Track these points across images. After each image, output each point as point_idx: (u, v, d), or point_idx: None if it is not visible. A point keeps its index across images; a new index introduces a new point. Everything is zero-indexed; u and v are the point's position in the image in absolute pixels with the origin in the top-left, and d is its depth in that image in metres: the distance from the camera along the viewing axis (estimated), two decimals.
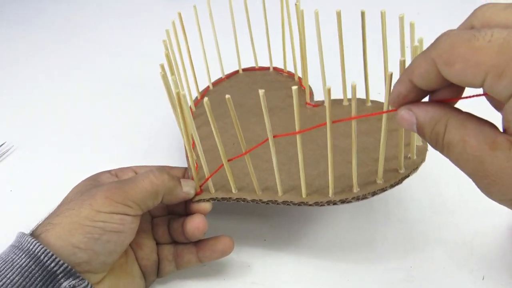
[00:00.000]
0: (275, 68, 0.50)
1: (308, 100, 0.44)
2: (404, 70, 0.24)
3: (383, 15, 0.34)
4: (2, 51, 0.61)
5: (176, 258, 0.36)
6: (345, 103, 0.42)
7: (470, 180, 0.47)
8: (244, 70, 0.51)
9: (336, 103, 0.42)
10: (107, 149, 0.50)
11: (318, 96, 0.44)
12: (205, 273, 0.37)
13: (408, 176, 0.34)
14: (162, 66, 0.34)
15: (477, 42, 0.19)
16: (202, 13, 0.44)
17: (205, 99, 0.30)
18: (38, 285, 0.27)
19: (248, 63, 0.50)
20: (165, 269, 0.36)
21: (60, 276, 0.28)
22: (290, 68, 0.48)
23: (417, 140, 0.35)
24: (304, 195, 0.34)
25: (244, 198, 0.35)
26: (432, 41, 0.23)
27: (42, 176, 0.47)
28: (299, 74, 0.47)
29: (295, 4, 0.40)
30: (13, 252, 0.28)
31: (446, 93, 0.24)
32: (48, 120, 0.55)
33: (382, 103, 0.38)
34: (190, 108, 0.46)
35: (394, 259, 0.37)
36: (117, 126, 0.53)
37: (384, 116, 0.30)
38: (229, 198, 0.35)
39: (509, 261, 0.36)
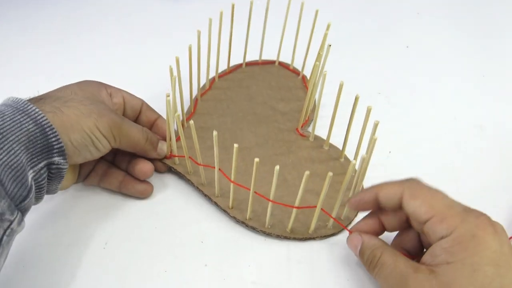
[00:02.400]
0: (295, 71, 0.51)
1: (299, 127, 0.45)
2: (374, 185, 0.32)
3: (340, 86, 0.38)
4: (2, 51, 0.61)
5: (103, 175, 0.40)
6: (325, 146, 0.43)
7: (469, 179, 0.47)
8: (280, 63, 0.52)
9: (317, 145, 0.44)
10: None
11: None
12: (205, 273, 0.37)
13: (333, 235, 0.38)
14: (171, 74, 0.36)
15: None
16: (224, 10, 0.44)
17: (191, 121, 0.34)
18: (37, 151, 0.31)
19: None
20: (90, 178, 0.40)
21: (55, 150, 0.32)
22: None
23: (346, 211, 0.38)
24: (248, 217, 0.38)
25: (198, 187, 0.40)
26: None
27: None
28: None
29: (328, 46, 0.40)
30: (19, 114, 0.31)
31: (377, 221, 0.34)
32: None
33: (339, 149, 0.44)
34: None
35: None
36: None
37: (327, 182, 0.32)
38: (186, 177, 0.41)
39: None
